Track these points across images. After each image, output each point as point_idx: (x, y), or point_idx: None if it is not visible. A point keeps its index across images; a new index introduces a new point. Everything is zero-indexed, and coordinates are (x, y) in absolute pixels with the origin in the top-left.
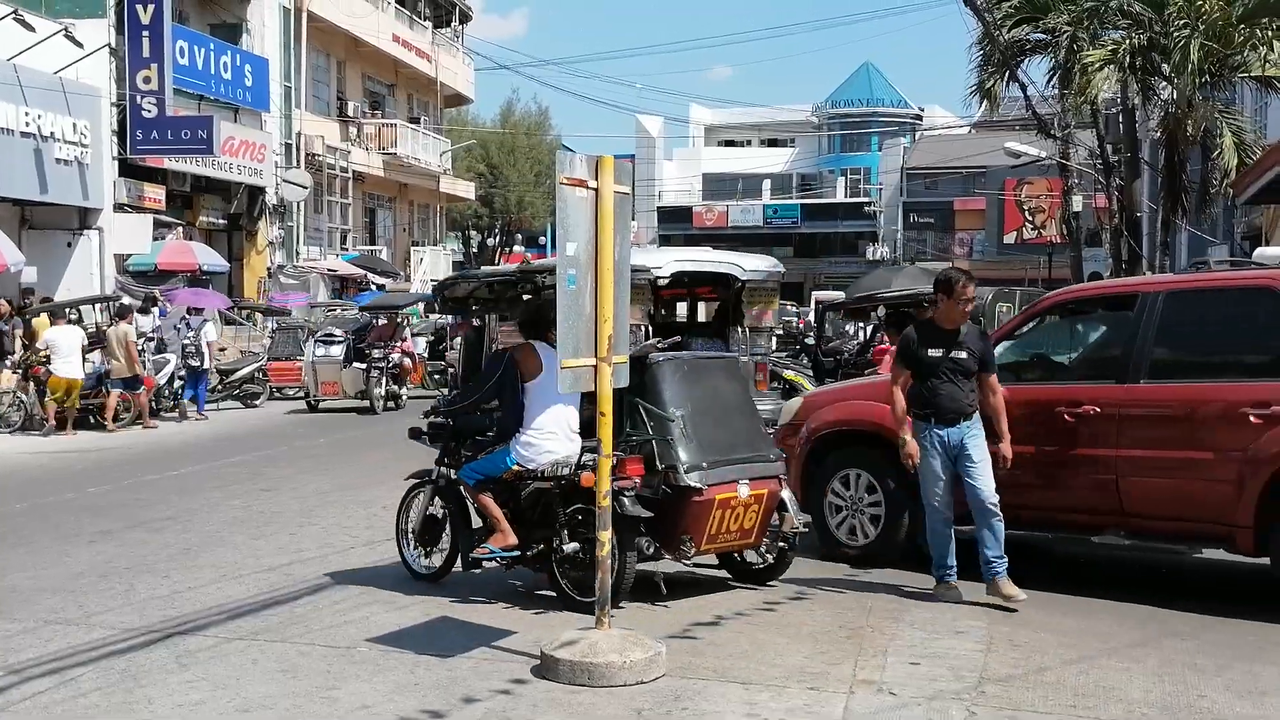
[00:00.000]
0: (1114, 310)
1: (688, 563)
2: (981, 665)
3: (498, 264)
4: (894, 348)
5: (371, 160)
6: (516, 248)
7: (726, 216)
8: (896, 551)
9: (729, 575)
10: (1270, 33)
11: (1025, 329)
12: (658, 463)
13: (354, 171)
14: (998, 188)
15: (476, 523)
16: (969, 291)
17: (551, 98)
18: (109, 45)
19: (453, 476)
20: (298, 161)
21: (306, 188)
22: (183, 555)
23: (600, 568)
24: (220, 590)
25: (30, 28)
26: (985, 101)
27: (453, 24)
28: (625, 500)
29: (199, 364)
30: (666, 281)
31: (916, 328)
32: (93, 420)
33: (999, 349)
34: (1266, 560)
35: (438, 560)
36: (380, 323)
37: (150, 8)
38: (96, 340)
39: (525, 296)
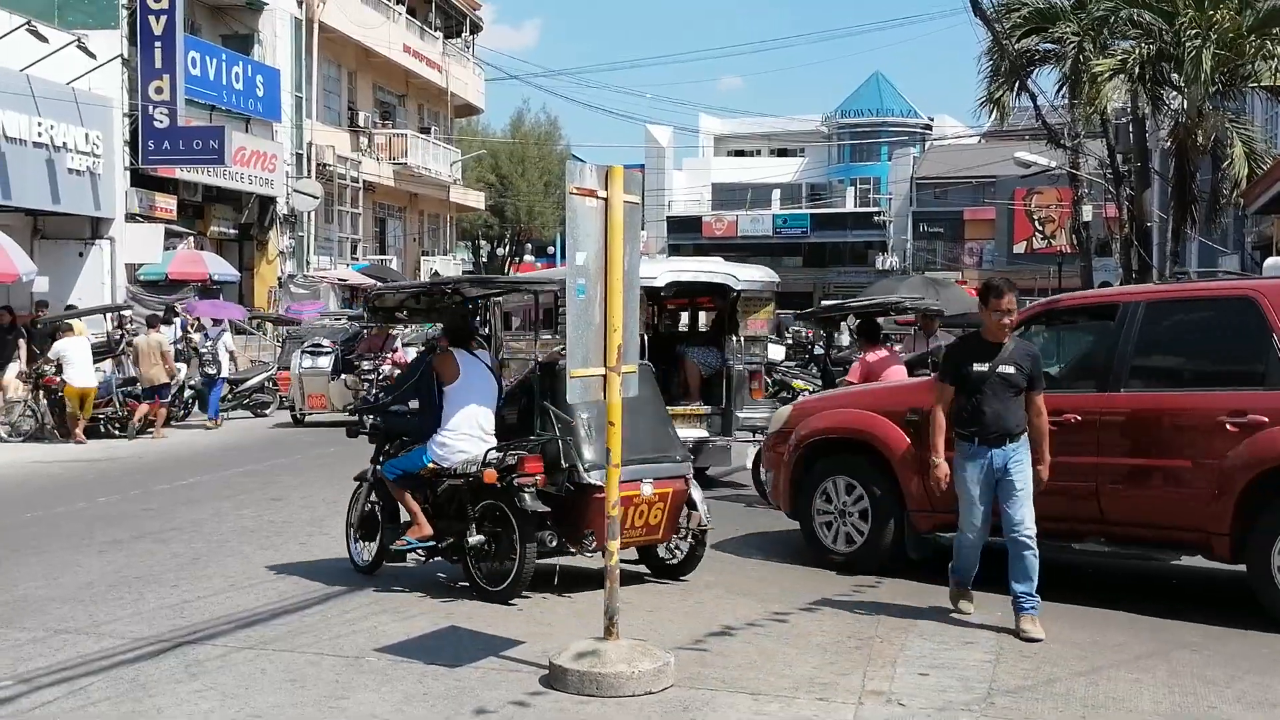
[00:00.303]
0: (1096, 320)
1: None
2: (991, 676)
3: (508, 274)
4: (866, 356)
5: (382, 170)
6: (527, 257)
7: (736, 226)
8: (883, 557)
9: (647, 571)
10: None
11: None
12: (562, 461)
13: (364, 181)
14: (1007, 197)
15: (405, 517)
16: (1004, 303)
17: (561, 108)
18: (121, 56)
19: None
20: (309, 171)
21: (317, 197)
22: (192, 564)
23: (609, 576)
24: (229, 600)
25: (43, 38)
26: (995, 111)
27: (463, 34)
28: (526, 496)
29: (215, 371)
30: (672, 292)
31: (962, 341)
32: (103, 430)
33: None
34: (1243, 567)
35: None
36: (371, 333)
37: (163, 19)
38: (106, 349)
39: (453, 306)
